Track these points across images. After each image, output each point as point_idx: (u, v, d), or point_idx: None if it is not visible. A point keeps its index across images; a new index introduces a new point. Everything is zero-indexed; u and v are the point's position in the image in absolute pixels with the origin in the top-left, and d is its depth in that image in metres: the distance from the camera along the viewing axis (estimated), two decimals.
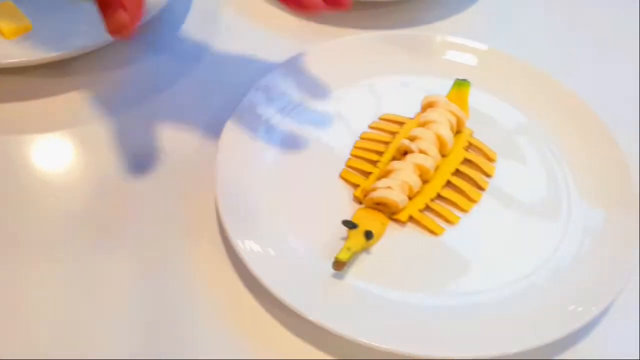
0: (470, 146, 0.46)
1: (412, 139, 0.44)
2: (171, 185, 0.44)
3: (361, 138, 0.47)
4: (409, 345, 0.35)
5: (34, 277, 0.39)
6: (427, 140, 0.44)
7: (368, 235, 0.39)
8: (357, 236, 0.39)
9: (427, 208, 0.43)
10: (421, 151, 0.43)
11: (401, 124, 0.48)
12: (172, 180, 0.44)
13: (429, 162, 0.43)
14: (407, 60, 0.51)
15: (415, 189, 0.42)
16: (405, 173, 0.42)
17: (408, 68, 0.51)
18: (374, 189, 0.42)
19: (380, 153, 0.46)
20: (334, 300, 0.37)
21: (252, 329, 0.38)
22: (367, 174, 0.44)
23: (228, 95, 0.48)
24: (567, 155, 0.46)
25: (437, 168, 0.44)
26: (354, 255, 0.39)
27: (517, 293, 0.38)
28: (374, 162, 0.45)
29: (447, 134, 0.44)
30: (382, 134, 0.47)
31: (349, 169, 0.45)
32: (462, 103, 0.48)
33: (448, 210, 0.42)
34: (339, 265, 0.38)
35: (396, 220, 0.42)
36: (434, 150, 0.43)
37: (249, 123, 0.45)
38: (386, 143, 0.46)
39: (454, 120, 0.45)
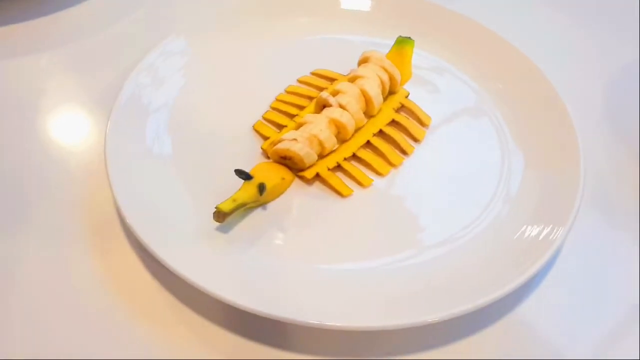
0: (402, 108, 0.42)
1: (335, 93, 0.40)
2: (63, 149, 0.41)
3: (286, 91, 0.43)
4: (302, 313, 0.31)
5: None
6: (349, 95, 0.40)
7: (261, 187, 0.35)
8: (250, 188, 0.35)
9: (339, 167, 0.38)
10: (341, 106, 0.39)
11: (332, 80, 0.44)
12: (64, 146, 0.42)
13: (345, 118, 0.39)
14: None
15: (328, 146, 0.38)
16: (316, 126, 0.38)
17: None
18: (280, 141, 0.38)
19: (302, 107, 0.42)
20: (209, 256, 0.33)
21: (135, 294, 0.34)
22: (282, 128, 0.40)
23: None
24: (509, 117, 0.42)
25: (360, 127, 0.40)
26: (242, 208, 0.35)
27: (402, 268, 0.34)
28: (292, 116, 0.41)
29: (373, 91, 0.40)
30: (310, 88, 0.43)
31: (264, 122, 0.41)
32: (403, 63, 0.43)
33: (360, 172, 0.38)
34: (219, 216, 0.34)
35: (302, 178, 0.38)
36: (354, 107, 0.39)
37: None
38: (311, 98, 0.42)
39: (385, 77, 0.41)
